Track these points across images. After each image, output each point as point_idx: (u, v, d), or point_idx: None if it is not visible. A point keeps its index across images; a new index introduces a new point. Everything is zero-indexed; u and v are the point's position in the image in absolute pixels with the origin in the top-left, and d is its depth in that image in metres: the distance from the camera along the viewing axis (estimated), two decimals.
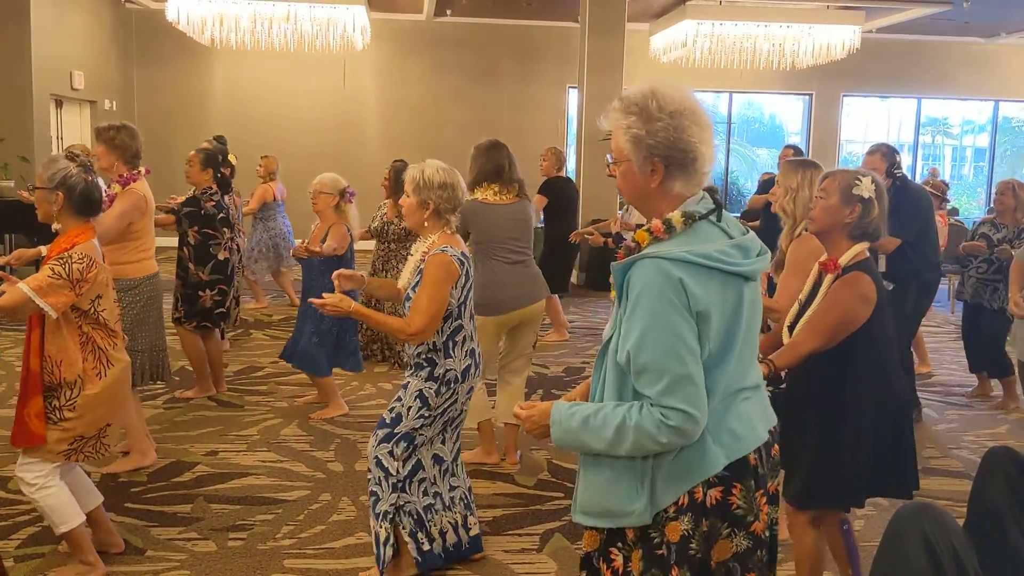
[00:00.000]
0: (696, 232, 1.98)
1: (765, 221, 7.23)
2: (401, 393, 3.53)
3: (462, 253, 3.48)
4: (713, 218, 2.01)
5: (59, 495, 3.40)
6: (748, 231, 2.07)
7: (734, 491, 2.00)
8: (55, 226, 3.46)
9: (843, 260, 3.01)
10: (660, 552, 1.98)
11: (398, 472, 3.45)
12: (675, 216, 1.97)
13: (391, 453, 3.44)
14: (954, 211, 13.18)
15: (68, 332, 3.34)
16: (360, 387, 6.43)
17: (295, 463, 4.88)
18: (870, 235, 3.03)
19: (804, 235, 3.57)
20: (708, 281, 1.91)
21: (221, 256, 5.81)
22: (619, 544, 2.06)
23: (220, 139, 7.90)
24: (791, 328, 3.13)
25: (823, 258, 3.11)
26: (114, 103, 12.97)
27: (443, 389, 3.47)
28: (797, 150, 8.43)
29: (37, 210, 3.51)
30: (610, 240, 6.99)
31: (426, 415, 3.46)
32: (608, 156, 2.12)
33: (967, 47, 14.89)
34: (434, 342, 3.45)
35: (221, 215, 5.83)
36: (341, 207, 5.49)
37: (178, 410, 5.74)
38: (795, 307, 3.16)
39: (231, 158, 7.98)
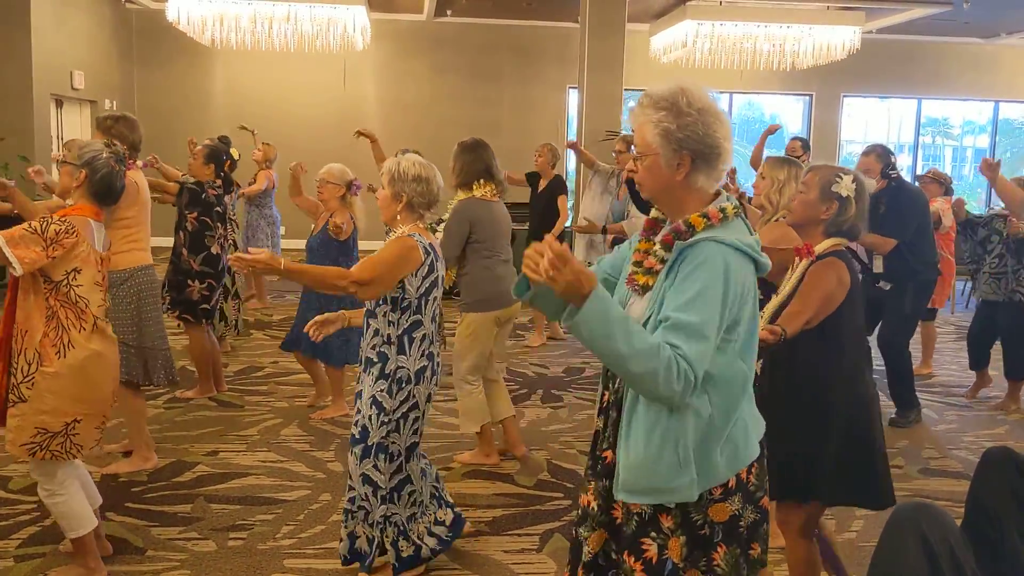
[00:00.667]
0: (738, 224, 2.09)
1: None
2: (358, 402, 3.45)
3: (430, 244, 3.42)
4: (743, 214, 2.13)
5: (70, 503, 3.37)
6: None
7: (752, 470, 2.14)
8: (68, 201, 3.44)
9: (818, 249, 3.06)
10: (703, 532, 2.07)
11: (386, 485, 3.42)
12: (728, 207, 2.08)
13: (376, 467, 3.40)
14: None
15: (35, 301, 3.24)
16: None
17: (295, 463, 4.89)
18: (845, 233, 3.07)
19: (780, 221, 3.66)
20: (748, 268, 2.05)
21: (214, 250, 5.80)
22: (652, 534, 2.10)
23: (224, 139, 7.94)
24: (771, 321, 3.13)
25: (798, 244, 3.16)
26: (114, 103, 12.97)
27: (394, 388, 3.36)
28: (804, 142, 8.38)
29: (59, 184, 3.50)
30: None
31: (386, 421, 3.37)
32: (632, 150, 2.17)
33: (967, 48, 14.90)
34: (388, 335, 3.36)
35: (218, 208, 5.86)
36: (347, 199, 5.45)
37: (178, 410, 5.74)
38: (775, 299, 3.17)
39: (233, 152, 8.01)
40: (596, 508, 2.23)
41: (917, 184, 7.43)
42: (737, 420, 2.08)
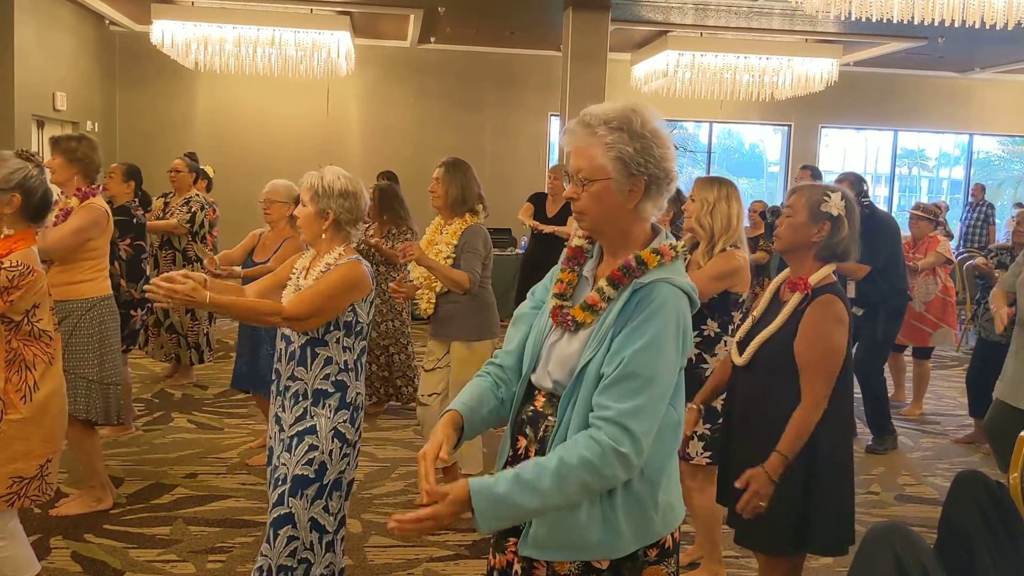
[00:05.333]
0: (679, 263, 1.98)
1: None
2: (310, 438, 2.98)
3: (368, 268, 3.13)
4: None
5: (11, 548, 3.16)
6: None
7: (674, 532, 2.01)
8: (5, 231, 3.17)
9: (813, 280, 2.80)
10: None
11: (333, 528, 3.02)
12: (678, 244, 1.97)
13: (327, 508, 2.99)
14: None
15: None
16: None
17: None
18: (838, 256, 2.83)
19: (731, 251, 3.52)
20: (689, 311, 1.94)
21: (148, 271, 5.61)
22: None
23: (192, 155, 7.93)
24: (740, 344, 2.95)
25: (783, 275, 2.94)
26: (96, 124, 12.96)
27: (355, 416, 3.05)
28: (815, 172, 8.13)
29: None
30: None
31: (348, 452, 3.03)
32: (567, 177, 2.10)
33: (942, 81, 15.14)
34: (345, 361, 3.02)
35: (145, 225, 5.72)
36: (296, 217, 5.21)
37: (157, 432, 5.72)
38: (748, 323, 2.97)
39: (208, 170, 7.98)
40: (520, 570, 2.00)
41: (910, 214, 7.30)
42: (672, 472, 1.95)
